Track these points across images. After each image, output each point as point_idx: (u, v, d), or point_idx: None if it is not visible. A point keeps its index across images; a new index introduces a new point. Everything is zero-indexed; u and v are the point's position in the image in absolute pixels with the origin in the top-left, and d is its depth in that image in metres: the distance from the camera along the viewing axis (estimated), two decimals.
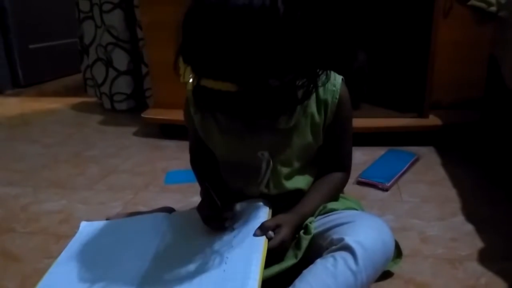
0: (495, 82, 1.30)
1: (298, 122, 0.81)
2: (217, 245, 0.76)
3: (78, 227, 1.05)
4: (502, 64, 1.23)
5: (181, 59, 0.69)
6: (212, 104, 0.71)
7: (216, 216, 0.80)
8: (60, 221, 1.12)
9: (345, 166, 0.89)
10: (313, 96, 0.81)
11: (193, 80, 0.67)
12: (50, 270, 0.83)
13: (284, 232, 0.76)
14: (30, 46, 2.64)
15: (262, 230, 0.76)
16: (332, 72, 0.82)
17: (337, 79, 0.83)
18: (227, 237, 0.78)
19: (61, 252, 0.89)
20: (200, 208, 0.84)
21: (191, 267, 0.73)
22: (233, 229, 0.79)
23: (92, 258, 0.83)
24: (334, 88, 0.82)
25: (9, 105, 2.38)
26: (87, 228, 0.92)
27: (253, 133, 0.80)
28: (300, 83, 0.72)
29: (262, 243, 0.73)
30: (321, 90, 0.81)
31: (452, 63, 1.50)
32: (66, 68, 2.85)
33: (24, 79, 2.66)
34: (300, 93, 0.74)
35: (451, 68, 1.51)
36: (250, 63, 0.63)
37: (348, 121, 0.87)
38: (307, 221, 0.80)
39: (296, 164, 0.85)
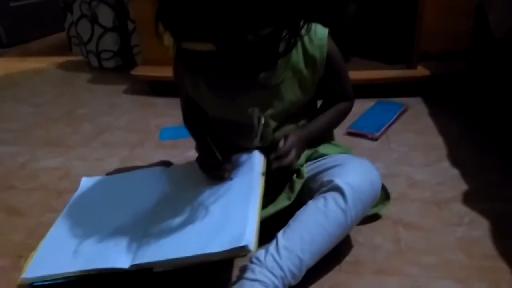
0: (481, 31, 1.32)
1: (286, 78, 0.82)
2: (216, 192, 0.79)
3: (78, 182, 1.08)
4: (489, 13, 1.24)
5: (160, 24, 0.69)
6: (196, 65, 0.72)
7: (216, 166, 0.83)
8: (59, 177, 1.15)
9: (348, 97, 0.93)
10: (301, 52, 0.82)
11: (173, 44, 0.69)
12: (56, 223, 0.86)
13: (292, 139, 0.80)
14: (11, 4, 2.55)
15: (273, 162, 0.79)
16: (317, 25, 0.83)
17: (322, 33, 0.82)
18: (225, 185, 0.81)
19: (64, 206, 0.92)
20: (199, 159, 0.87)
21: (192, 213, 0.76)
22: (231, 179, 0.82)
23: (94, 210, 0.86)
24: (321, 42, 0.82)
25: None
26: (88, 183, 0.95)
27: (243, 91, 0.82)
28: (282, 36, 0.73)
29: (258, 186, 0.76)
30: (308, 45, 0.82)
31: (439, 13, 1.51)
32: (49, 26, 2.78)
33: (7, 38, 2.59)
34: (282, 46, 0.75)
35: (438, 19, 1.51)
36: (225, 19, 0.63)
37: (341, 69, 0.88)
38: (299, 166, 0.84)
39: (287, 117, 0.87)
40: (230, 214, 0.72)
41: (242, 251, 0.65)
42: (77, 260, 0.74)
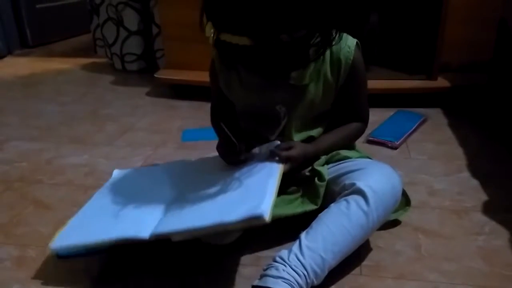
0: (504, 45, 1.33)
1: (312, 80, 0.86)
2: (237, 174, 0.83)
3: (103, 179, 1.12)
4: None
5: (205, 16, 0.75)
6: (231, 57, 0.78)
7: (232, 151, 0.86)
8: (85, 174, 1.18)
9: (362, 118, 0.94)
10: (328, 56, 0.85)
11: (213, 35, 0.74)
12: (87, 203, 0.90)
13: (294, 151, 0.83)
14: (38, 6, 2.62)
15: (276, 148, 0.83)
16: (346, 34, 0.86)
17: (351, 42, 0.86)
18: (246, 168, 0.84)
19: None
20: (218, 146, 0.91)
21: (214, 190, 0.80)
22: (250, 162, 0.85)
23: (124, 193, 0.91)
24: (348, 50, 0.85)
25: (19, 65, 2.39)
26: (120, 174, 1.00)
27: (271, 88, 0.87)
28: (313, 42, 0.77)
29: (278, 170, 0.79)
30: (336, 51, 0.85)
31: (461, 26, 1.52)
32: (73, 29, 2.85)
33: (32, 39, 2.66)
34: (312, 51, 0.79)
35: (460, 31, 1.52)
36: (263, 17, 0.69)
37: (362, 83, 0.91)
38: (320, 168, 0.86)
39: (308, 118, 0.90)
40: (249, 190, 0.75)
41: (258, 220, 0.67)
42: (100, 232, 0.77)
